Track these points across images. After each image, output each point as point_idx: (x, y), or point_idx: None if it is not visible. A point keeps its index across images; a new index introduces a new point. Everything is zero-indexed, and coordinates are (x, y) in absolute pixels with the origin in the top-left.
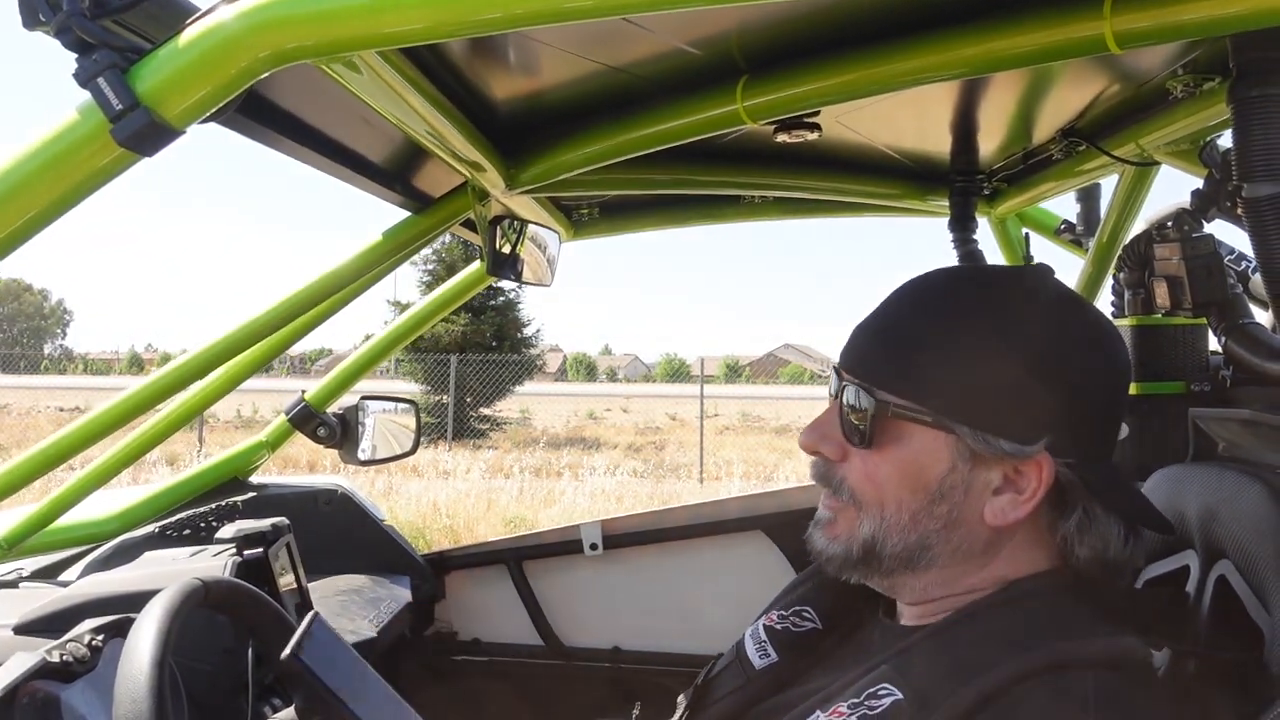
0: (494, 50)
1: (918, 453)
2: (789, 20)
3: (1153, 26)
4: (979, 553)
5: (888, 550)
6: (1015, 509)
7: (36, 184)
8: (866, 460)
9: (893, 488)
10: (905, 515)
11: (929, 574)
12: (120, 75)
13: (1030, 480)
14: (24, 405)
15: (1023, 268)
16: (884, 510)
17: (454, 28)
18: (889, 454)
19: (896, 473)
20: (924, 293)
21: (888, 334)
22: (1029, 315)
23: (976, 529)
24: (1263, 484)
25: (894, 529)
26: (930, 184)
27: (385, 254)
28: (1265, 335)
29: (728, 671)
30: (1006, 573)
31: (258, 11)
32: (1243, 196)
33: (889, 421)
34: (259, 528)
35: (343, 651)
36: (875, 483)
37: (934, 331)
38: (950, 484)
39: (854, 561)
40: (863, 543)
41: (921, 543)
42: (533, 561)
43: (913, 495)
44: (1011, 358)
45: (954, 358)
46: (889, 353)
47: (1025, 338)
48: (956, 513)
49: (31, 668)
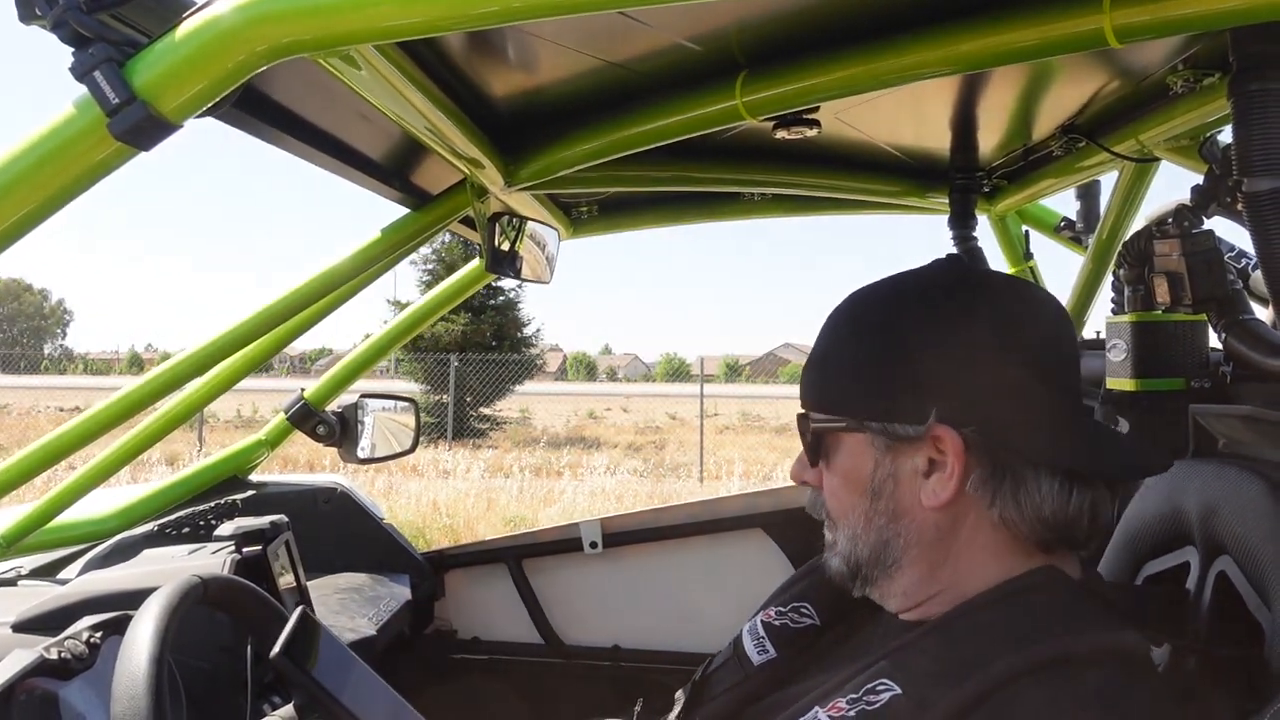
0: (493, 46)
1: (848, 458)
2: (788, 15)
3: (1152, 20)
4: (938, 540)
5: (863, 558)
6: (945, 487)
7: (33, 178)
8: (827, 479)
9: (845, 496)
10: (860, 519)
11: (904, 573)
12: (117, 69)
13: (947, 455)
14: (24, 405)
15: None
16: (848, 520)
17: (451, 21)
18: (835, 468)
19: (842, 482)
20: (833, 314)
21: (812, 359)
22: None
23: (921, 516)
24: (1263, 480)
25: (859, 535)
26: (930, 181)
27: (384, 251)
28: (1265, 331)
29: (725, 668)
30: (984, 560)
31: (254, 5)
32: (1243, 192)
33: (826, 439)
34: (258, 525)
35: (334, 648)
36: (837, 497)
37: (833, 344)
38: (880, 479)
39: (848, 576)
40: (847, 558)
41: (880, 541)
42: (532, 560)
43: (860, 499)
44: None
45: (845, 362)
46: (811, 376)
47: (871, 327)
48: (894, 504)
49: (29, 665)
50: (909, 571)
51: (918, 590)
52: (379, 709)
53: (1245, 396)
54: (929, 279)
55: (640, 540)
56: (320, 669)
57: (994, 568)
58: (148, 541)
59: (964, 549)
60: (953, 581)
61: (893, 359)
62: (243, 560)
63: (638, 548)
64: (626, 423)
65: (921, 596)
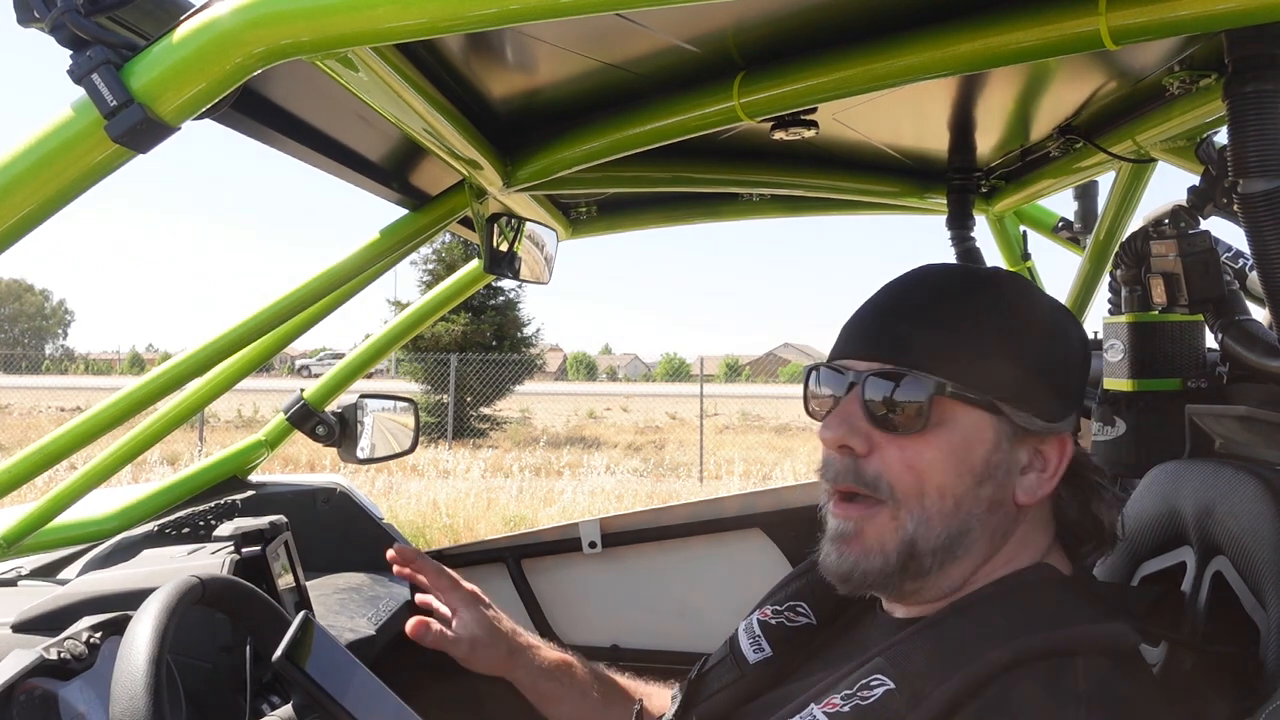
0: (491, 47)
1: (966, 434)
2: (786, 17)
3: (1148, 22)
4: (1003, 535)
5: (929, 544)
6: (1041, 486)
7: (31, 180)
8: (905, 448)
9: (936, 474)
10: (949, 502)
11: (960, 565)
12: (114, 72)
13: (1051, 458)
14: (25, 405)
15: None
16: (924, 500)
17: (449, 23)
18: (932, 439)
19: (942, 457)
20: (940, 285)
21: (920, 320)
22: (1033, 303)
23: (1009, 510)
24: (1259, 480)
25: (936, 518)
26: (928, 181)
27: (383, 252)
28: (1261, 332)
29: (721, 666)
30: (1019, 557)
31: (252, 7)
32: (1238, 193)
33: (940, 404)
34: (257, 526)
35: (335, 651)
36: (916, 471)
37: (967, 317)
38: (994, 464)
39: (892, 571)
40: (900, 545)
41: (963, 529)
42: (531, 559)
43: (958, 479)
44: (1040, 342)
45: (994, 342)
46: (932, 338)
47: (1037, 323)
48: (999, 494)
49: (29, 665)
50: (964, 564)
51: (957, 584)
52: (380, 712)
53: (1241, 397)
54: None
55: (639, 540)
56: (322, 672)
57: (1022, 562)
58: (147, 542)
59: (1012, 545)
60: (989, 573)
61: (1051, 356)
62: (242, 561)
63: (637, 547)
64: (626, 422)
65: (954, 589)
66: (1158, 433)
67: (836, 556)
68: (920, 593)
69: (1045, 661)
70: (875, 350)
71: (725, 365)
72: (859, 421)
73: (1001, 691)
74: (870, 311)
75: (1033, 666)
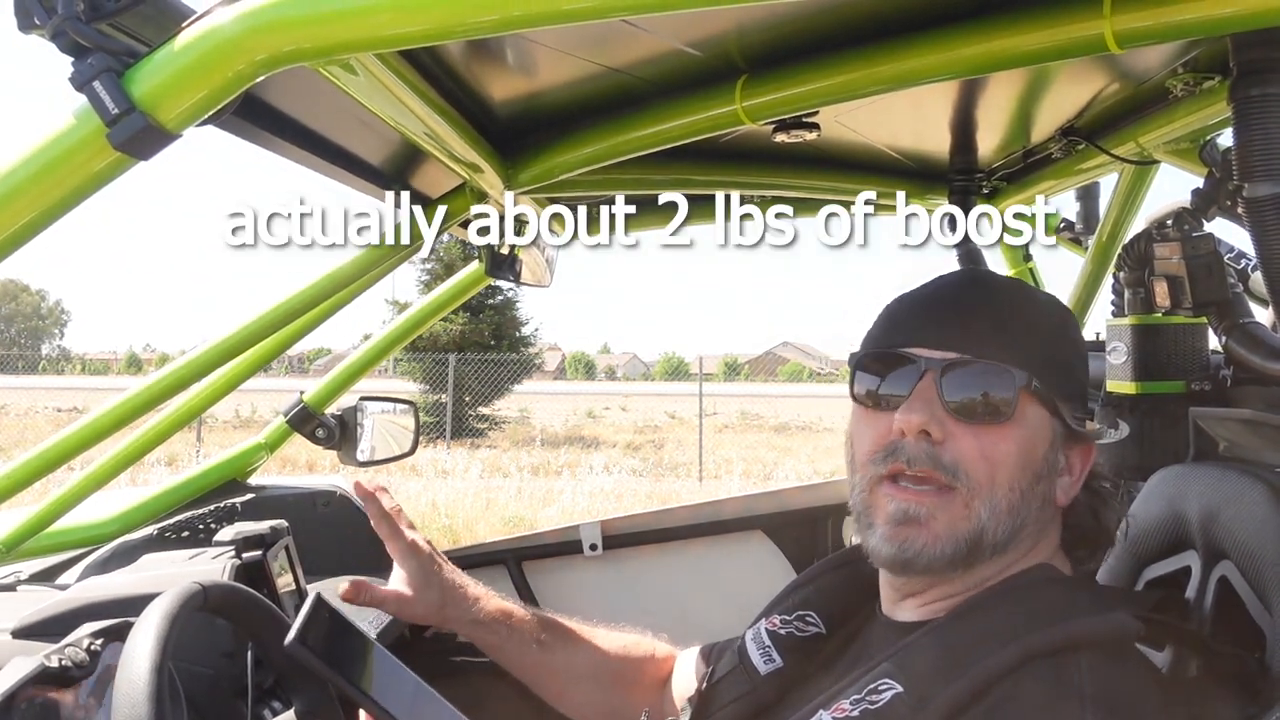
0: (492, 51)
1: (1035, 430)
2: (788, 20)
3: (1153, 26)
4: (1041, 534)
5: (995, 536)
6: (1073, 488)
7: (33, 188)
8: (982, 438)
9: (1008, 467)
10: (1016, 495)
11: (1004, 559)
12: (116, 79)
13: (1076, 462)
14: (22, 406)
15: None
16: (996, 491)
17: (451, 30)
18: (1009, 431)
19: (1016, 450)
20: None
21: (999, 319)
22: (1068, 317)
23: (1050, 510)
24: (1264, 484)
25: (1004, 510)
26: (929, 183)
27: (384, 254)
28: (1265, 335)
29: (732, 677)
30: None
31: (254, 15)
32: (1243, 196)
33: (1021, 398)
34: (258, 530)
35: (350, 633)
36: (992, 462)
37: (1032, 320)
38: (1050, 462)
39: (959, 558)
40: (972, 534)
41: (1022, 523)
42: (532, 562)
43: (1023, 474)
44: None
45: (1053, 345)
46: (1014, 336)
47: (1071, 336)
48: (1049, 492)
49: (31, 673)
50: (1008, 557)
51: (989, 578)
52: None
53: (1246, 400)
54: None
55: (640, 542)
56: (337, 655)
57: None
58: (147, 546)
59: (1037, 544)
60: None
61: (1084, 369)
62: (243, 565)
63: (637, 550)
64: (625, 422)
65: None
66: (1161, 436)
67: (900, 541)
68: (954, 581)
69: (1049, 660)
70: (950, 339)
71: (724, 364)
72: (936, 408)
73: (1007, 692)
74: (930, 303)
75: (1037, 666)
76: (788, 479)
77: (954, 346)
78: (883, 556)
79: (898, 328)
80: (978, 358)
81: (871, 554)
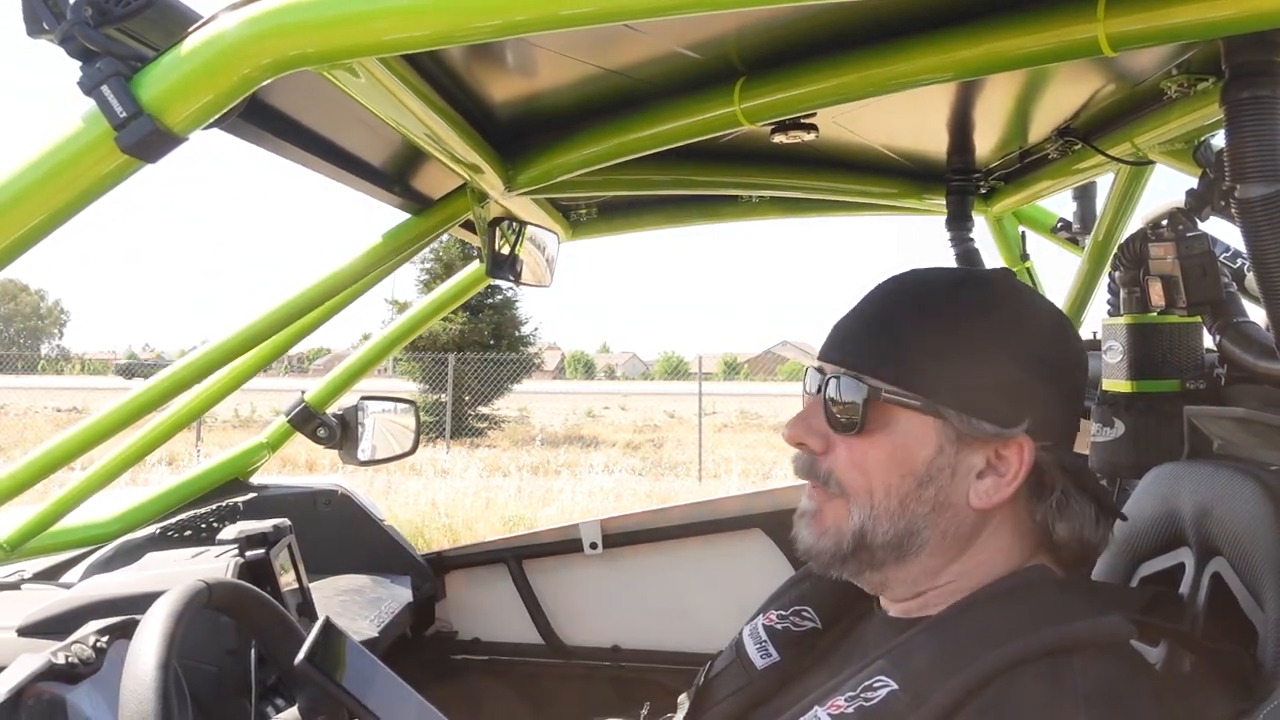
0: (492, 54)
1: (906, 437)
2: (786, 23)
3: (1145, 29)
4: (964, 538)
5: (878, 539)
6: (998, 491)
7: (42, 191)
8: (853, 448)
9: (881, 473)
10: (894, 501)
11: (917, 563)
12: (124, 83)
13: (1011, 463)
14: (21, 406)
15: (988, 269)
16: (873, 497)
17: (454, 35)
18: (877, 440)
19: (885, 457)
20: (907, 290)
21: (874, 325)
22: (1006, 309)
23: (962, 513)
24: (1257, 482)
25: (883, 515)
26: (927, 183)
27: (385, 255)
28: (1258, 334)
29: (729, 671)
30: (993, 560)
31: (260, 19)
32: (1235, 198)
33: (878, 407)
34: (261, 529)
35: (357, 654)
36: (863, 469)
37: (920, 323)
38: (937, 466)
39: (844, 555)
40: (853, 533)
41: (910, 528)
42: (532, 561)
43: (901, 480)
44: (994, 346)
45: (940, 347)
46: (878, 342)
47: (1005, 329)
48: (943, 495)
49: (38, 669)
50: (925, 562)
51: (923, 581)
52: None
53: (1239, 398)
54: (1036, 303)
55: (640, 541)
56: (346, 676)
57: (1000, 567)
58: (150, 545)
59: (981, 548)
60: (959, 575)
61: (992, 358)
62: (246, 564)
63: (637, 548)
64: (625, 421)
65: (924, 587)
66: (1156, 434)
67: (801, 534)
68: (889, 586)
69: (1044, 660)
70: (837, 353)
71: (724, 363)
72: (818, 422)
73: (1002, 691)
74: (849, 315)
75: (1032, 665)
76: (786, 478)
77: (835, 359)
78: (797, 545)
79: (824, 340)
80: (845, 370)
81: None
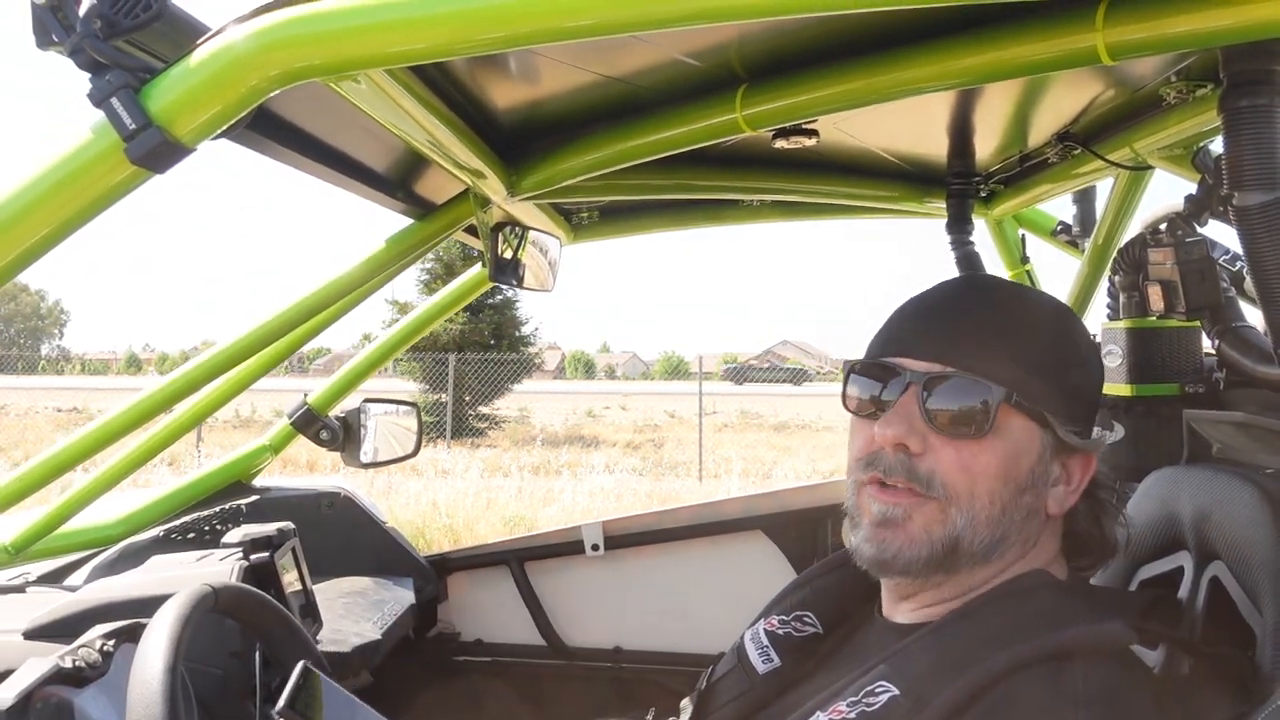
0: (496, 62)
1: (1018, 443)
2: (788, 31)
3: (1144, 38)
4: (1029, 543)
5: (974, 545)
6: (1067, 499)
7: (52, 201)
8: (962, 451)
9: (988, 479)
10: (996, 508)
11: (990, 567)
12: (133, 95)
13: (1076, 472)
14: (22, 406)
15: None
16: (975, 503)
17: (460, 46)
18: (989, 444)
19: (996, 462)
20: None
21: (986, 330)
22: (1081, 329)
23: (1041, 520)
24: (1256, 486)
25: (984, 522)
26: (927, 186)
27: (389, 260)
28: (1256, 339)
29: (730, 676)
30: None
31: (267, 32)
32: (1233, 205)
33: (1000, 412)
34: (265, 532)
35: (335, 696)
36: (971, 474)
37: (1033, 332)
38: (1037, 475)
39: (936, 561)
40: (947, 539)
41: (1004, 534)
42: (534, 562)
43: (1004, 486)
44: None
45: (1048, 359)
46: (993, 347)
47: (1090, 347)
48: (1036, 503)
49: (46, 673)
50: (994, 566)
51: (979, 584)
52: None
53: (1238, 402)
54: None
55: (641, 542)
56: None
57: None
58: (154, 547)
59: (1031, 553)
60: (1000, 578)
61: (1087, 373)
62: (251, 567)
63: (639, 550)
64: (625, 421)
65: (973, 587)
66: (1155, 437)
67: (879, 542)
68: (943, 586)
69: (1045, 665)
70: (936, 352)
71: (724, 363)
72: (916, 421)
73: (1003, 696)
74: (924, 312)
75: (1033, 670)
76: (787, 478)
77: (938, 358)
78: (864, 556)
79: (891, 338)
80: (960, 371)
81: (856, 554)
